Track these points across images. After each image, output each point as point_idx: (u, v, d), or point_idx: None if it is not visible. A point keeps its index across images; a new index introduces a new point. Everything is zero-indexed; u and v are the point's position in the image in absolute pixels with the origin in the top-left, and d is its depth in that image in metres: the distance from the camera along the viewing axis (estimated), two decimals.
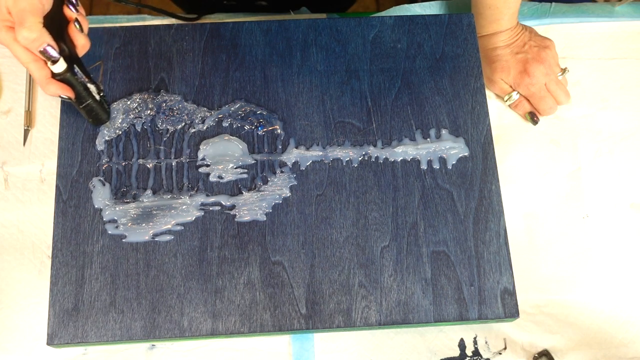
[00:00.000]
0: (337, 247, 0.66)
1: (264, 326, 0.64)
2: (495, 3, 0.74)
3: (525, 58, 0.75)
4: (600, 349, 0.69)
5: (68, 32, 0.59)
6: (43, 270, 0.69)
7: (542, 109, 0.76)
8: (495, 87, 0.78)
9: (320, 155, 0.69)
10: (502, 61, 0.76)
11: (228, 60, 0.72)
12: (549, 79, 0.75)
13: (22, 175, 0.73)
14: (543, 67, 0.75)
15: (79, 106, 0.64)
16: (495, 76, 0.77)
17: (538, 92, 0.75)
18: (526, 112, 0.77)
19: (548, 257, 0.72)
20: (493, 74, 0.77)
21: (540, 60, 0.75)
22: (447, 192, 0.68)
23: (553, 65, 0.76)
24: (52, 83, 0.59)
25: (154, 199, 0.67)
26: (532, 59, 0.75)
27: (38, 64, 0.58)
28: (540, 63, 0.75)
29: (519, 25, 0.78)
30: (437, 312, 0.64)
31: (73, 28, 0.59)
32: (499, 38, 0.77)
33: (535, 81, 0.75)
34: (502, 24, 0.76)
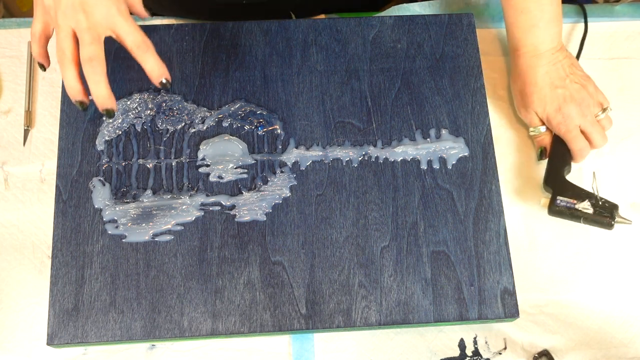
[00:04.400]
0: (337, 247, 0.66)
1: (264, 326, 0.64)
2: (528, 6, 0.71)
3: (564, 95, 0.71)
4: (600, 349, 0.69)
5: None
6: (43, 270, 0.69)
7: (573, 149, 0.71)
8: (526, 117, 0.74)
9: (320, 155, 0.69)
10: (541, 94, 0.72)
11: (228, 60, 0.72)
12: (584, 121, 0.71)
13: (22, 175, 0.73)
14: (580, 109, 0.71)
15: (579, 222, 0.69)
16: (530, 108, 0.73)
17: (569, 132, 0.71)
18: (540, 147, 0.73)
19: (548, 257, 0.72)
20: (529, 105, 0.72)
21: (578, 101, 0.71)
22: (447, 192, 0.68)
23: (591, 105, 0.71)
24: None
25: (154, 199, 0.67)
26: (570, 97, 0.71)
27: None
28: (577, 104, 0.71)
29: (562, 49, 0.73)
30: (437, 312, 0.64)
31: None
32: (540, 61, 0.72)
33: (569, 122, 0.70)
34: (539, 36, 0.71)
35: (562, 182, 0.69)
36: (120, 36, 0.58)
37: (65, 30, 0.56)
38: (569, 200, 0.67)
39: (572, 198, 0.67)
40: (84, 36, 0.56)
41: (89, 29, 0.56)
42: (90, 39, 0.56)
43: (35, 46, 0.60)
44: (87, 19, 0.56)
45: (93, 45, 0.56)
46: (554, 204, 0.68)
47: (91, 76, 0.56)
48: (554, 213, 0.68)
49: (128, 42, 0.58)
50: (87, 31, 0.56)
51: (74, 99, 0.58)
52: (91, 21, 0.56)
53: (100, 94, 0.57)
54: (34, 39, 0.60)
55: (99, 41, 0.57)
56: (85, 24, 0.56)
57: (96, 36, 0.57)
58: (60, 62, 0.57)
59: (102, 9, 0.56)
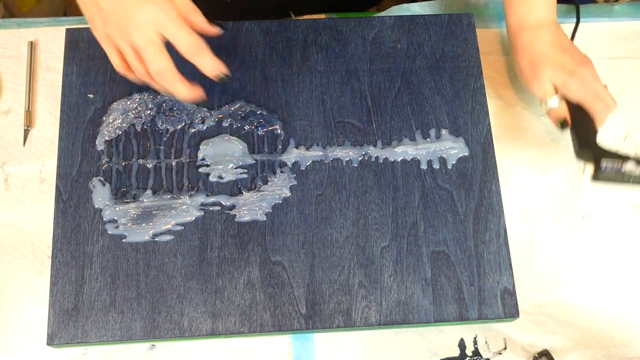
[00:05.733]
0: (337, 247, 0.66)
1: (264, 326, 0.64)
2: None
3: (577, 59, 0.71)
4: (600, 349, 0.69)
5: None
6: (43, 270, 0.69)
7: (595, 110, 0.69)
8: (540, 88, 0.72)
9: (320, 155, 0.69)
10: (553, 60, 0.71)
11: (228, 60, 0.72)
12: (598, 84, 0.71)
13: (22, 175, 0.73)
14: (591, 74, 0.71)
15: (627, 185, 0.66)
16: (544, 74, 0.71)
17: (589, 94, 0.69)
18: (560, 119, 0.72)
19: (548, 257, 0.72)
20: (542, 73, 0.71)
21: (588, 67, 0.71)
22: (447, 192, 0.68)
23: (596, 75, 0.72)
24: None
25: (154, 199, 0.67)
26: (581, 61, 0.71)
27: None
28: (590, 68, 0.71)
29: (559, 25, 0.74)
30: (437, 312, 0.64)
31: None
32: (543, 33, 0.72)
33: (587, 84, 0.70)
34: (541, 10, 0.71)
35: (598, 147, 0.67)
36: (173, 42, 0.59)
37: (129, 51, 0.59)
38: (613, 164, 0.64)
39: (616, 161, 0.65)
40: (145, 52, 0.58)
41: (145, 44, 0.58)
42: (153, 52, 0.58)
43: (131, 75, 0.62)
44: (140, 35, 0.57)
45: (158, 57, 0.58)
46: (599, 169, 0.65)
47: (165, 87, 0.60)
48: (600, 179, 0.66)
49: (181, 47, 0.59)
50: (146, 47, 0.58)
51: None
52: (144, 36, 0.57)
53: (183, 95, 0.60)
54: (125, 71, 0.61)
55: (162, 51, 0.58)
56: (141, 40, 0.58)
57: (158, 48, 0.58)
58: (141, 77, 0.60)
59: (149, 22, 0.57)
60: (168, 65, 0.59)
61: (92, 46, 0.72)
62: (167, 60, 0.59)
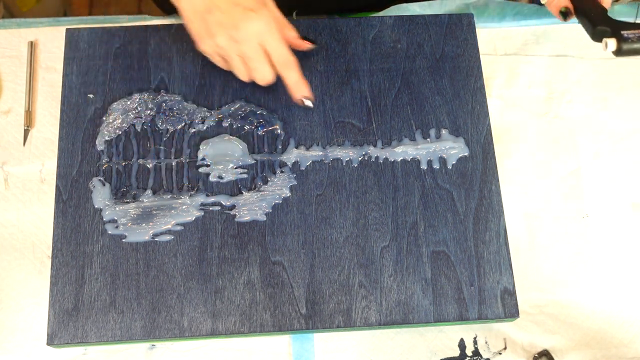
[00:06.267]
0: (337, 247, 0.66)
1: (264, 326, 0.64)
2: None
3: None
4: (600, 349, 0.69)
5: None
6: (43, 270, 0.69)
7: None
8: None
9: (320, 155, 0.69)
10: None
11: None
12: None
13: (22, 175, 0.73)
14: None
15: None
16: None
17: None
18: (561, 7, 0.69)
19: (548, 257, 0.72)
20: None
21: None
22: (447, 192, 0.68)
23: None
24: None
25: (154, 199, 0.67)
26: None
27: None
28: None
29: None
30: (437, 312, 0.64)
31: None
32: None
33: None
34: None
35: (613, 21, 0.64)
36: (269, 52, 0.63)
37: (237, 60, 0.64)
38: (636, 32, 0.61)
39: (636, 29, 0.62)
40: (253, 62, 0.63)
41: (253, 54, 0.62)
42: (260, 62, 0.63)
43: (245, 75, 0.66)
44: (247, 46, 0.62)
45: (265, 67, 0.63)
46: (622, 40, 0.61)
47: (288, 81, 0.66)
48: (625, 52, 0.62)
49: (274, 58, 0.64)
50: (254, 57, 0.63)
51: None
52: (250, 47, 0.62)
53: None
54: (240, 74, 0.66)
55: (268, 62, 0.64)
56: (250, 51, 0.62)
57: (264, 59, 0.63)
58: (245, 80, 0.66)
59: (254, 34, 0.62)
60: (271, 74, 0.64)
61: (92, 46, 0.72)
62: (270, 70, 0.64)
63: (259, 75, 0.64)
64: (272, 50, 0.63)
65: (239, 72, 0.65)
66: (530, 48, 0.81)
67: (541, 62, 0.80)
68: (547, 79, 0.79)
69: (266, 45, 0.63)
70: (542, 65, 0.80)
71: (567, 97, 0.79)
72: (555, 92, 0.79)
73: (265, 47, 0.63)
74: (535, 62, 0.80)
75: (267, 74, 0.64)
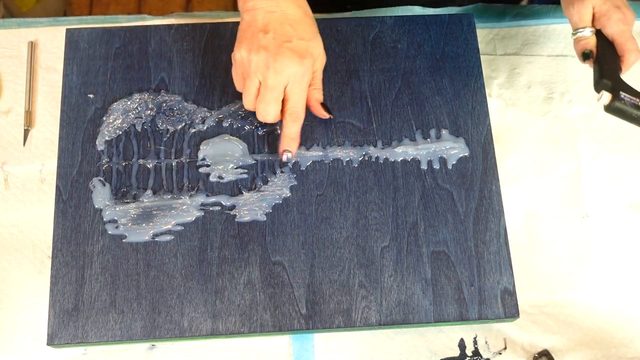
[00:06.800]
0: (337, 247, 0.66)
1: (264, 326, 0.64)
2: None
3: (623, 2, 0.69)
4: (600, 349, 0.69)
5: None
6: (43, 270, 0.69)
7: (629, 49, 0.67)
8: (579, 12, 0.69)
9: (320, 155, 0.69)
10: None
11: (228, 60, 0.72)
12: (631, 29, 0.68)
13: (22, 175, 0.73)
14: (632, 18, 0.68)
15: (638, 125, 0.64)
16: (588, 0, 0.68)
17: (626, 31, 0.67)
18: (586, 49, 0.69)
19: (548, 257, 0.72)
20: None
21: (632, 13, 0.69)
22: (447, 192, 0.68)
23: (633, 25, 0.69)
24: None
25: (154, 199, 0.67)
26: (627, 6, 0.69)
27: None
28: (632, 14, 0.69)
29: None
30: (437, 312, 0.64)
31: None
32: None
33: (628, 22, 0.67)
34: None
35: (621, 80, 0.65)
36: (287, 97, 0.64)
37: (255, 83, 0.63)
38: (632, 97, 0.63)
39: (635, 96, 0.63)
40: (266, 94, 0.63)
41: (272, 87, 0.62)
42: (272, 98, 0.63)
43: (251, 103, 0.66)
44: (274, 77, 0.62)
45: (272, 104, 0.63)
46: (617, 98, 0.63)
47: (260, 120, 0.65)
48: (614, 110, 0.64)
49: (289, 104, 0.64)
50: (270, 89, 0.62)
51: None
52: (276, 80, 0.62)
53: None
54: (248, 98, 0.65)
55: (278, 102, 0.63)
56: (272, 82, 0.62)
57: (278, 97, 0.63)
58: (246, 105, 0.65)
59: (287, 73, 0.62)
60: (276, 116, 0.64)
61: (92, 46, 0.72)
62: (277, 112, 0.64)
63: (263, 109, 0.64)
64: (292, 98, 0.63)
65: (248, 96, 0.64)
66: (530, 48, 0.81)
67: (541, 62, 0.80)
68: (547, 79, 0.80)
69: (290, 91, 0.63)
70: (542, 65, 0.80)
71: (567, 97, 0.79)
72: (555, 92, 0.79)
73: (287, 92, 0.63)
74: (535, 62, 0.80)
75: (272, 113, 0.64)
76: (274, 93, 0.63)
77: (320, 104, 0.67)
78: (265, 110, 0.63)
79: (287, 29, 0.62)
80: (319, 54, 0.64)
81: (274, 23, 0.62)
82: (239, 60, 0.63)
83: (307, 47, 0.62)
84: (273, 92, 0.62)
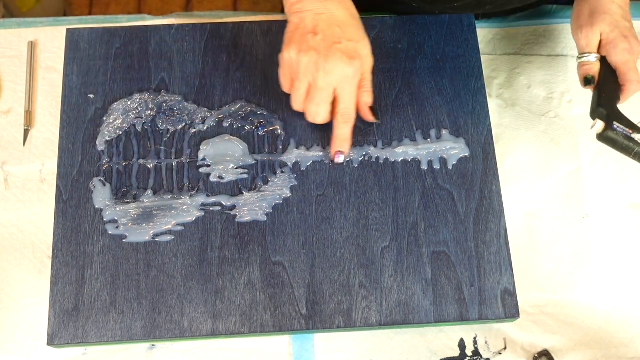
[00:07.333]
0: (338, 247, 0.66)
1: (264, 326, 0.64)
2: None
3: (630, 30, 0.69)
4: (600, 349, 0.69)
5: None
6: (43, 270, 0.69)
7: (631, 79, 0.68)
8: (585, 38, 0.70)
9: (320, 155, 0.69)
10: (613, 19, 0.69)
11: (229, 60, 0.72)
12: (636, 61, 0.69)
13: (22, 175, 0.73)
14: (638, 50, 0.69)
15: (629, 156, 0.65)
16: (596, 26, 0.69)
17: (630, 61, 0.68)
18: (588, 75, 0.69)
19: (548, 257, 0.72)
20: (596, 24, 0.69)
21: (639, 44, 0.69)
22: (448, 193, 0.68)
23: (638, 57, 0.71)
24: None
25: (154, 199, 0.67)
26: (635, 36, 0.69)
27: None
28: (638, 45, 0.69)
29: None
30: (438, 312, 0.64)
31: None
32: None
33: (634, 52, 0.68)
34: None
35: (617, 110, 0.66)
36: (338, 99, 0.64)
37: (305, 85, 0.63)
38: (625, 129, 0.64)
39: (627, 127, 0.64)
40: (316, 95, 0.63)
41: (322, 88, 0.62)
42: (322, 99, 0.63)
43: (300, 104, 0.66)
44: (324, 78, 0.62)
45: (323, 105, 0.64)
46: (610, 128, 0.64)
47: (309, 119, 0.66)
48: (606, 139, 0.65)
49: (340, 106, 0.64)
50: (320, 91, 0.63)
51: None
52: (326, 81, 0.62)
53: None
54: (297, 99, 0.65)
55: (328, 103, 0.64)
56: (322, 83, 0.62)
57: (328, 98, 0.63)
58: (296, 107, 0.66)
59: (338, 75, 0.62)
60: (326, 117, 0.65)
61: (92, 46, 0.72)
62: (327, 113, 0.65)
63: (314, 110, 0.64)
64: (342, 100, 0.64)
65: (297, 97, 0.65)
66: (530, 48, 0.81)
67: (541, 62, 0.80)
68: (547, 79, 0.80)
69: (340, 92, 0.63)
70: (542, 65, 0.80)
71: (567, 97, 0.79)
72: (555, 92, 0.79)
73: (338, 93, 0.63)
74: (535, 62, 0.80)
75: (323, 114, 0.64)
76: (324, 94, 0.63)
77: (369, 107, 0.67)
78: (316, 112, 0.64)
79: (336, 31, 0.62)
80: (367, 55, 0.64)
81: (322, 25, 0.62)
82: (287, 61, 0.63)
83: (356, 49, 0.62)
84: (323, 93, 0.63)
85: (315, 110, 0.64)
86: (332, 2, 0.63)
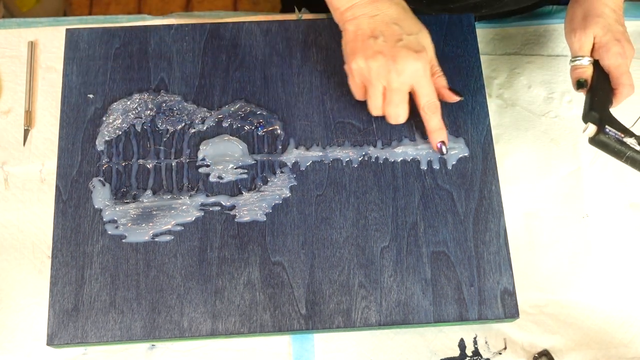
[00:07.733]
0: (337, 247, 0.66)
1: (263, 327, 0.64)
2: None
3: (625, 33, 0.70)
4: (600, 349, 0.69)
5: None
6: (43, 270, 0.69)
7: (623, 83, 0.68)
8: (578, 41, 0.70)
9: (320, 155, 0.69)
10: (606, 22, 0.69)
11: (228, 60, 0.72)
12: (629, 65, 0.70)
13: (22, 175, 0.73)
14: (631, 53, 0.69)
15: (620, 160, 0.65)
16: (589, 29, 0.69)
17: (623, 65, 0.68)
18: (580, 78, 0.69)
19: (548, 257, 0.72)
20: (589, 27, 0.69)
21: (632, 49, 0.70)
22: (447, 193, 0.68)
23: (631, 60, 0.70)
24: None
25: (153, 199, 0.67)
26: (628, 40, 0.69)
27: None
28: (631, 49, 0.69)
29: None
30: (437, 312, 0.64)
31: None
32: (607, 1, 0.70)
33: (626, 56, 0.68)
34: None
35: (609, 114, 0.66)
36: (417, 94, 0.64)
37: (379, 88, 0.63)
38: (617, 132, 0.64)
39: (619, 131, 0.64)
40: (393, 96, 0.63)
41: (397, 89, 0.63)
42: (399, 99, 0.64)
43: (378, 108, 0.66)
44: (398, 78, 0.62)
45: (401, 105, 0.64)
46: (602, 131, 0.64)
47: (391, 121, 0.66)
48: (598, 143, 0.64)
49: (422, 101, 0.65)
50: (396, 92, 0.63)
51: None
52: (400, 81, 0.62)
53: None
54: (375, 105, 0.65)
55: (406, 102, 0.64)
56: (396, 84, 0.62)
57: (405, 97, 0.64)
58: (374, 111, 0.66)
59: (410, 72, 0.62)
60: (406, 115, 0.65)
61: (92, 46, 0.72)
62: (407, 112, 0.65)
63: (394, 112, 0.64)
64: (422, 93, 0.64)
65: (375, 102, 0.65)
66: (530, 48, 0.81)
67: (541, 62, 0.80)
68: (547, 79, 0.80)
69: (417, 87, 0.63)
70: (542, 65, 0.80)
71: (567, 97, 0.79)
72: (555, 92, 0.79)
73: (415, 88, 0.64)
74: (535, 62, 0.80)
75: (403, 114, 0.65)
76: (401, 94, 0.63)
77: (447, 88, 0.68)
78: (396, 113, 0.65)
79: (395, 29, 0.62)
80: (429, 43, 0.65)
81: (380, 26, 0.62)
82: (357, 70, 0.63)
83: (418, 40, 0.63)
84: (399, 93, 0.63)
85: (395, 111, 0.64)
86: (382, 1, 0.63)
